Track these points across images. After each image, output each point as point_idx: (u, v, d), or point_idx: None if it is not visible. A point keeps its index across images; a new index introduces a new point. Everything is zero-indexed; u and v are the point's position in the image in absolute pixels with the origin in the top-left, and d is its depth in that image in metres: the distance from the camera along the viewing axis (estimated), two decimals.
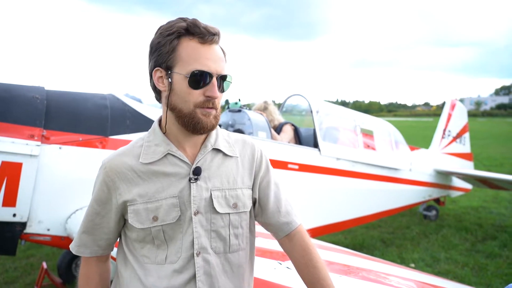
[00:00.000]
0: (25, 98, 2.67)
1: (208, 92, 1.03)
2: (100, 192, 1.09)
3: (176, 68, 1.03)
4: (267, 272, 1.70)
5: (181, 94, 1.03)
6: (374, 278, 1.87)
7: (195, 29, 1.02)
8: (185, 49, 1.03)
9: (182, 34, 1.03)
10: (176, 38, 1.03)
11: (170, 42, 1.03)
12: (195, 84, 1.02)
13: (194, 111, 1.04)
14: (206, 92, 1.03)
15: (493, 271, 4.30)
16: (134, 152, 1.10)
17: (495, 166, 11.72)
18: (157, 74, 1.06)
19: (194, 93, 1.03)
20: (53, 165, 2.67)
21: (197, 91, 1.03)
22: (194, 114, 1.04)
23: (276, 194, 1.22)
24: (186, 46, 1.03)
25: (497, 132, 28.27)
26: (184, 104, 1.04)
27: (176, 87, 1.04)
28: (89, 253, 1.13)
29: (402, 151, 5.38)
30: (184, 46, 1.03)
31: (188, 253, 1.06)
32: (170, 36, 1.03)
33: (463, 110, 7.49)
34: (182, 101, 1.04)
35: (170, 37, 1.03)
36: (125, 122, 2.96)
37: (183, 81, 1.02)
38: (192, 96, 1.03)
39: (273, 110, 4.26)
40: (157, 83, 1.07)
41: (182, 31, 1.03)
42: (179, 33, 1.03)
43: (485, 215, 6.75)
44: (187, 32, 1.03)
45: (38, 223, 2.67)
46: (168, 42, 1.03)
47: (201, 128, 1.05)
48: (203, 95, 1.03)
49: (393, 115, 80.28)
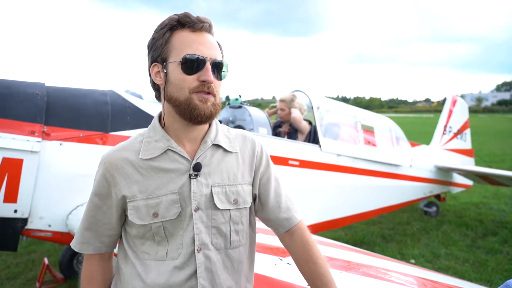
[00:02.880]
0: (25, 94, 2.66)
1: (203, 77, 1.03)
2: (100, 187, 1.08)
3: (170, 58, 1.04)
4: (268, 268, 1.70)
5: (176, 82, 1.04)
6: (375, 274, 1.87)
7: (186, 19, 1.05)
8: (178, 39, 1.04)
9: (174, 26, 1.05)
10: (168, 30, 1.05)
11: (163, 35, 1.05)
12: (188, 70, 1.03)
13: (190, 97, 1.03)
14: (201, 76, 1.03)
15: (493, 267, 4.31)
16: (134, 147, 1.09)
17: (496, 162, 11.71)
18: (154, 69, 1.08)
19: (188, 79, 1.03)
20: (54, 161, 2.67)
21: (191, 76, 1.03)
22: (190, 101, 1.03)
23: (277, 190, 1.22)
24: (179, 37, 1.05)
25: (498, 128, 28.23)
26: (180, 91, 1.04)
27: (171, 76, 1.04)
28: (92, 250, 1.12)
29: (402, 147, 5.37)
30: (176, 37, 1.05)
31: (189, 249, 1.06)
32: (163, 29, 1.06)
33: (464, 106, 7.48)
34: (177, 88, 1.04)
35: (163, 30, 1.06)
36: (126, 118, 2.96)
37: (176, 68, 1.03)
38: (187, 82, 1.03)
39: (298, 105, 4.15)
40: (155, 78, 1.08)
41: (174, 23, 1.05)
42: (171, 26, 1.05)
43: (485, 211, 6.75)
44: (179, 24, 1.05)
45: (39, 219, 2.68)
46: (161, 35, 1.05)
47: (198, 115, 1.04)
48: (197, 80, 1.03)
49: (394, 111, 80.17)
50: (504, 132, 25.11)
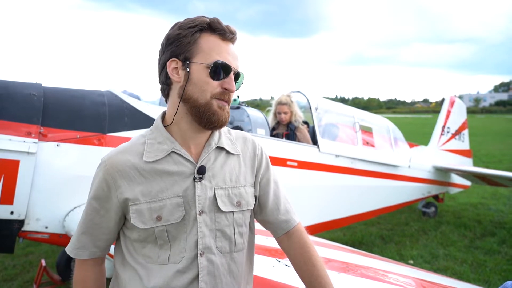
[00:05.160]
0: (22, 95, 2.65)
1: (226, 85, 1.04)
2: (99, 190, 1.06)
3: (196, 58, 1.04)
4: (265, 270, 1.70)
5: (199, 84, 1.03)
6: (373, 276, 1.86)
7: (217, 25, 1.05)
8: (207, 42, 1.04)
9: (204, 29, 1.05)
10: (198, 31, 1.05)
11: (192, 34, 1.04)
12: (215, 75, 1.03)
13: (211, 102, 1.04)
14: (224, 84, 1.04)
15: (491, 267, 4.31)
16: (137, 149, 1.07)
17: (494, 163, 11.73)
18: (172, 64, 1.06)
19: (212, 84, 1.04)
20: (50, 162, 2.65)
21: (216, 82, 1.04)
22: (211, 105, 1.04)
23: (276, 192, 1.22)
24: (207, 40, 1.04)
25: (496, 129, 28.30)
26: (201, 93, 1.04)
27: (194, 76, 1.04)
28: (87, 255, 1.10)
29: (401, 148, 5.37)
30: (205, 39, 1.04)
31: (192, 253, 1.05)
32: (192, 28, 1.04)
33: (462, 107, 7.49)
34: (199, 90, 1.04)
35: (192, 30, 1.04)
36: (123, 119, 2.94)
37: (203, 71, 1.03)
38: (210, 86, 1.03)
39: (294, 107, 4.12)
40: (172, 73, 1.06)
41: (205, 25, 1.05)
42: (202, 27, 1.05)
43: (483, 212, 6.76)
44: (209, 28, 1.05)
45: (36, 221, 2.66)
46: (190, 34, 1.04)
47: (216, 120, 1.05)
48: (220, 87, 1.04)
49: (392, 112, 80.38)
50: (502, 132, 25.17)
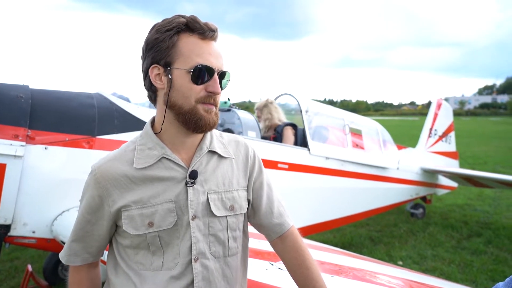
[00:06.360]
0: (8, 97, 2.59)
1: (210, 88, 1.01)
2: (90, 200, 1.04)
3: (176, 63, 1.00)
4: (259, 273, 1.69)
5: (182, 90, 1.00)
6: (365, 278, 1.88)
7: (195, 24, 1.00)
8: (186, 44, 1.00)
9: (181, 30, 1.00)
10: (175, 33, 1.00)
11: (170, 38, 0.99)
12: (197, 79, 1.00)
13: (196, 107, 1.01)
14: (208, 87, 1.01)
15: (478, 267, 4.39)
16: (127, 156, 1.05)
17: (479, 164, 11.96)
18: (154, 71, 1.02)
19: (195, 89, 1.00)
20: (38, 166, 2.60)
21: (199, 86, 1.00)
22: (196, 111, 1.01)
23: (269, 195, 1.21)
24: (187, 42, 1.00)
25: (480, 131, 28.88)
26: (185, 100, 1.00)
27: (176, 83, 1.00)
28: (79, 262, 1.09)
29: (390, 150, 5.44)
30: (184, 41, 1.00)
31: (186, 259, 1.03)
32: (169, 31, 1.00)
33: (448, 110, 7.62)
34: (182, 97, 1.00)
35: (169, 33, 1.00)
36: (113, 121, 2.91)
37: (184, 76, 1.00)
38: (194, 92, 1.00)
39: (273, 109, 4.18)
40: (155, 80, 1.03)
41: (182, 26, 1.00)
42: (179, 29, 1.00)
43: (470, 213, 6.88)
44: (187, 28, 1.00)
45: (23, 226, 2.60)
46: (168, 37, 0.99)
47: (203, 125, 1.02)
48: (204, 91, 1.01)
49: (380, 114, 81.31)
50: (486, 134, 25.71)
